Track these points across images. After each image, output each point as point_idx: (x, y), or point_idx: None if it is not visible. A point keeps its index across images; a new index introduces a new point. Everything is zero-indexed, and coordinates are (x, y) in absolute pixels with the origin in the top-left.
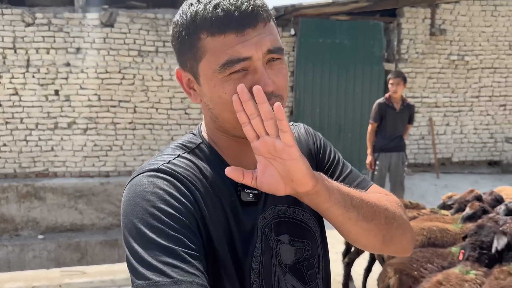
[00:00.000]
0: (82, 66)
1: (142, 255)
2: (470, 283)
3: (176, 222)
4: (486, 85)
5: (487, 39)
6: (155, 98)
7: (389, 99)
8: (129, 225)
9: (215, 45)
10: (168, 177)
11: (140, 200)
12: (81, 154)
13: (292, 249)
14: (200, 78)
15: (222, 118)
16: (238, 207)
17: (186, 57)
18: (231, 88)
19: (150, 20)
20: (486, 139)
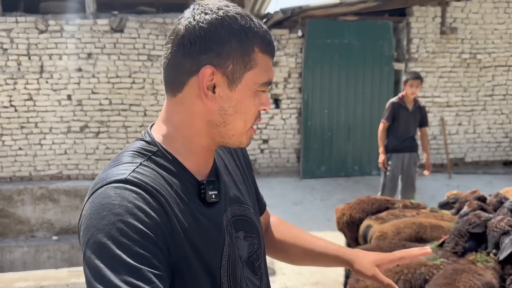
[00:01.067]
0: (93, 71)
1: (104, 273)
2: (428, 267)
3: (145, 239)
4: (500, 84)
5: (500, 37)
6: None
7: (403, 99)
8: (93, 240)
9: (263, 63)
10: (136, 189)
11: (106, 213)
12: (93, 157)
13: (246, 244)
14: (239, 84)
15: (232, 125)
16: (205, 210)
17: (232, 61)
18: (258, 102)
19: (159, 25)
20: (500, 138)
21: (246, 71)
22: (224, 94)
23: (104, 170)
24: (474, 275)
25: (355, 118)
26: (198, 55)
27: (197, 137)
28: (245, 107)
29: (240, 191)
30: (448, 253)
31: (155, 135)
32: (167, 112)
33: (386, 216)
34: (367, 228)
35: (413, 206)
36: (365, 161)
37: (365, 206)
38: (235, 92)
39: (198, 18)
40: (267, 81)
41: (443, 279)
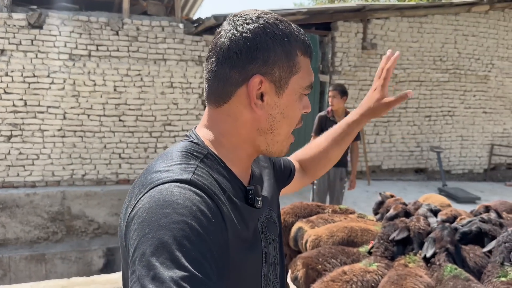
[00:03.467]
0: (6, 69)
1: (159, 273)
2: (372, 273)
3: (204, 245)
4: (413, 97)
5: (414, 54)
6: (86, 104)
7: (331, 112)
8: (151, 236)
9: (305, 65)
10: (200, 192)
11: (170, 211)
12: (4, 163)
13: (273, 246)
14: (286, 90)
15: (278, 131)
16: (251, 214)
17: (279, 67)
18: (301, 106)
19: (82, 23)
20: (413, 148)
21: (292, 75)
22: (272, 101)
23: (154, 167)
24: (416, 277)
25: None
26: (245, 65)
27: (244, 144)
28: (292, 111)
29: (270, 194)
30: (379, 257)
31: (203, 139)
32: (211, 120)
33: (316, 219)
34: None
35: (341, 211)
36: None
37: (298, 211)
38: (282, 98)
39: (241, 28)
40: (310, 84)
41: (390, 285)
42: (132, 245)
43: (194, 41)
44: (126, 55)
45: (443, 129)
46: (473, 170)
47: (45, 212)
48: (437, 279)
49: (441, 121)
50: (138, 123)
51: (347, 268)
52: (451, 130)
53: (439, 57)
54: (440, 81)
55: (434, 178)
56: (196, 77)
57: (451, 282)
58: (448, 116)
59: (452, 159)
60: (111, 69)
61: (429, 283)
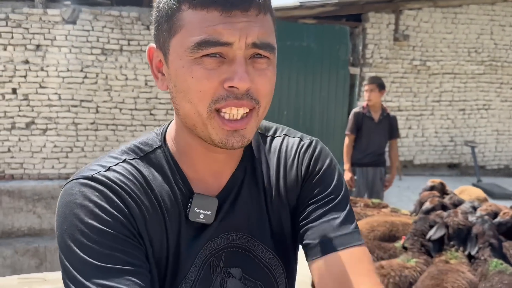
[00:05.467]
0: (42, 64)
1: (75, 276)
2: (410, 269)
3: (108, 239)
4: (446, 90)
5: (447, 46)
6: (118, 98)
7: (367, 108)
8: (60, 240)
9: (194, 20)
10: (100, 186)
11: (68, 213)
12: (40, 156)
13: (242, 287)
14: (170, 56)
15: (182, 111)
16: (182, 227)
17: (161, 31)
18: (200, 73)
19: (114, 18)
20: (446, 142)
21: (171, 37)
22: (166, 72)
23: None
24: (458, 273)
25: (312, 120)
26: (153, 32)
27: (182, 129)
28: (183, 82)
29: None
30: (417, 253)
31: (170, 130)
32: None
33: None
34: None
35: (374, 205)
36: None
37: None
38: (170, 67)
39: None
40: (202, 40)
41: (430, 280)
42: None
43: None
44: None
45: (478, 123)
46: (510, 166)
47: None
48: (482, 274)
49: (476, 114)
50: (168, 117)
51: (385, 263)
52: (486, 124)
53: (474, 48)
54: (475, 73)
55: (468, 174)
56: None
57: (496, 277)
58: (483, 110)
59: (487, 154)
60: (142, 64)
61: (472, 279)
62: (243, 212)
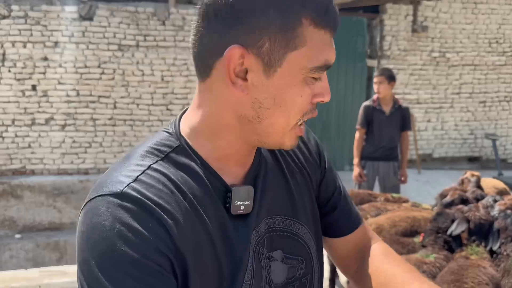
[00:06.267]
0: (60, 61)
1: None
2: (429, 265)
3: (140, 270)
4: (466, 82)
5: (467, 36)
6: (136, 93)
7: (377, 101)
8: (84, 267)
9: (316, 39)
10: (132, 206)
11: (97, 238)
12: (59, 151)
13: (284, 267)
14: (279, 69)
15: (269, 121)
16: (226, 223)
17: (269, 37)
18: (307, 93)
19: (130, 14)
20: (466, 135)
21: (289, 51)
22: (258, 82)
23: (110, 168)
24: (479, 268)
25: (328, 114)
26: (226, 29)
27: (226, 132)
28: (288, 99)
29: (293, 201)
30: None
31: (182, 127)
32: (197, 99)
33: (368, 208)
34: None
35: (394, 200)
36: (338, 156)
37: None
38: (273, 80)
39: None
40: (321, 65)
41: (450, 276)
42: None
43: None
44: (173, 44)
45: (499, 116)
46: None
47: None
48: (505, 269)
49: (497, 107)
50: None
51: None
52: (508, 116)
53: (495, 39)
54: (496, 64)
55: (488, 167)
56: None
57: None
58: (505, 102)
59: (508, 147)
60: (158, 59)
61: (494, 275)
62: (273, 195)
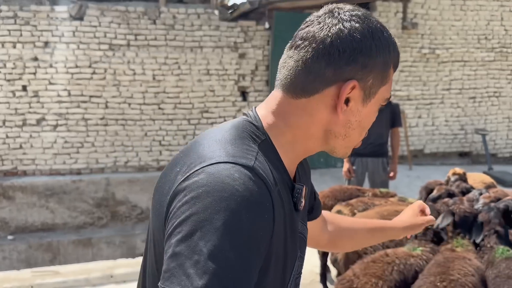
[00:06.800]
0: (50, 61)
1: (204, 260)
2: (416, 258)
3: (254, 241)
4: (456, 78)
5: (457, 33)
6: (127, 93)
7: None
8: (204, 217)
9: (391, 78)
10: (260, 182)
11: (228, 196)
12: (51, 152)
13: (299, 264)
14: (373, 99)
15: (350, 138)
16: (294, 217)
17: (374, 75)
18: (374, 118)
19: (121, 13)
20: (456, 130)
21: (382, 85)
22: (355, 108)
23: (211, 141)
24: (465, 260)
25: None
26: (344, 65)
27: (307, 140)
28: (368, 122)
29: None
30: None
31: (265, 122)
32: (280, 108)
33: (356, 203)
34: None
35: (382, 195)
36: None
37: (337, 194)
38: (366, 107)
39: (349, 25)
40: (388, 97)
41: (436, 268)
42: (177, 216)
43: (229, 27)
44: (164, 43)
45: (488, 111)
46: None
47: (91, 198)
48: (488, 261)
49: (487, 102)
50: (176, 111)
51: (390, 251)
52: (497, 111)
53: (484, 35)
54: (485, 60)
55: (479, 162)
56: (232, 64)
57: (503, 264)
58: (494, 97)
59: (498, 142)
60: (150, 58)
61: (479, 266)
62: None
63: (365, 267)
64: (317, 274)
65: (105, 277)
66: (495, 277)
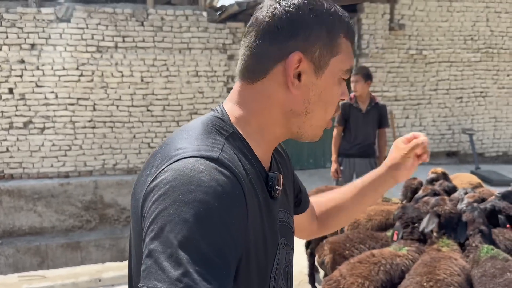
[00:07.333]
0: (37, 63)
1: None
2: (402, 258)
3: (225, 229)
4: (443, 79)
5: (443, 34)
6: (115, 95)
7: (354, 99)
8: (173, 211)
9: (346, 49)
10: (227, 172)
11: (195, 188)
12: (38, 155)
13: (284, 253)
14: (325, 71)
15: (313, 114)
16: (270, 205)
17: (320, 46)
18: (339, 91)
19: (108, 15)
20: (444, 130)
21: (333, 56)
22: (309, 81)
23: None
24: (451, 260)
25: None
26: (285, 40)
27: (273, 126)
28: (329, 95)
29: (287, 195)
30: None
31: (231, 114)
32: (241, 97)
33: None
34: None
35: None
36: (319, 154)
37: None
38: (320, 80)
39: (284, 3)
40: (350, 68)
41: (423, 268)
42: (149, 216)
43: (218, 29)
44: (152, 45)
45: (475, 111)
46: (508, 152)
47: (79, 201)
48: (474, 260)
49: (473, 102)
50: (165, 113)
51: (376, 251)
52: (483, 111)
53: (470, 36)
54: (472, 61)
55: (466, 161)
56: (221, 65)
57: (488, 263)
58: (481, 97)
59: (485, 141)
60: (138, 60)
61: (464, 266)
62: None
63: (351, 268)
64: (306, 275)
65: (93, 280)
66: (480, 276)
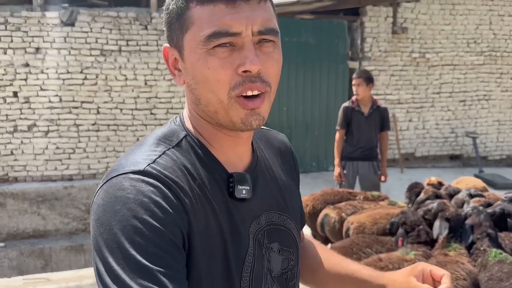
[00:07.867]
0: (42, 67)
1: (117, 273)
2: (410, 262)
3: (160, 237)
4: (446, 82)
5: (446, 37)
6: (119, 98)
7: (356, 102)
8: (106, 235)
9: (203, 15)
10: (154, 181)
11: (121, 207)
12: (42, 158)
13: (280, 258)
14: (185, 52)
15: (204, 100)
16: (231, 208)
17: (173, 30)
18: (215, 63)
19: (112, 19)
20: (447, 134)
21: (184, 34)
22: (182, 68)
23: (125, 154)
24: (458, 264)
25: (313, 116)
26: (167, 35)
27: (201, 120)
28: (200, 74)
29: (284, 199)
30: (416, 245)
31: (185, 120)
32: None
33: (344, 206)
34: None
35: (373, 198)
36: (322, 157)
37: (328, 197)
38: (186, 63)
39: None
40: (213, 32)
41: None
42: (91, 240)
43: None
44: (155, 49)
45: (478, 114)
46: (511, 156)
47: (83, 204)
48: (481, 264)
49: (477, 105)
50: (169, 116)
51: (384, 255)
52: (487, 114)
53: (473, 39)
54: (475, 64)
55: (470, 165)
56: None
57: (496, 267)
58: (484, 100)
59: (488, 145)
60: (141, 63)
61: (472, 270)
62: (269, 191)
63: None
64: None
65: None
66: (487, 280)
